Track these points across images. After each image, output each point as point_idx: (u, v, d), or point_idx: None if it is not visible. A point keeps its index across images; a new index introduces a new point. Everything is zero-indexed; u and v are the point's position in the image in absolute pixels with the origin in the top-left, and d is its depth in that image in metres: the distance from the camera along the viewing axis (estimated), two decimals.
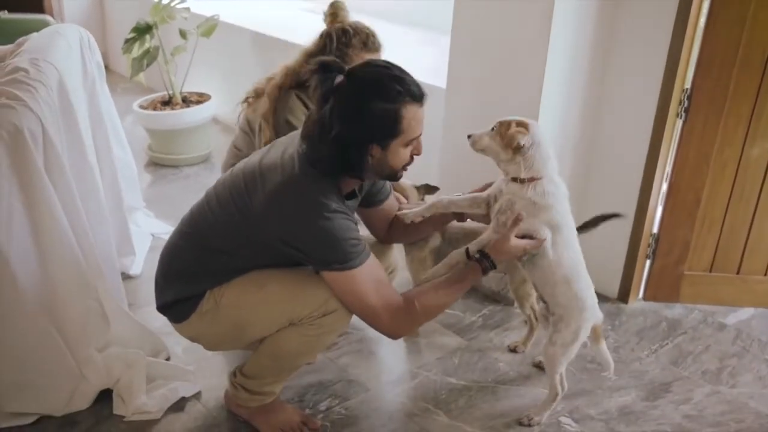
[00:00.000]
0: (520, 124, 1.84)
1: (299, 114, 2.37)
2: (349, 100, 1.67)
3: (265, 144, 2.31)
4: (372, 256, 1.79)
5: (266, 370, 1.97)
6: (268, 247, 1.77)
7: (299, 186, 1.72)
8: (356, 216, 1.96)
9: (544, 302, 2.05)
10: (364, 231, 2.00)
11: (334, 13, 2.41)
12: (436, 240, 2.26)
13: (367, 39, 2.36)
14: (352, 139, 1.69)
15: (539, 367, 2.30)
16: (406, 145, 1.75)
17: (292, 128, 2.27)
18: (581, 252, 1.97)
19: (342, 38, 2.34)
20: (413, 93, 1.69)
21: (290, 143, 1.83)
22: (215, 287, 1.85)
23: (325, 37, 2.39)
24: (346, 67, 1.71)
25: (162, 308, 1.95)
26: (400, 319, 1.80)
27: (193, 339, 1.99)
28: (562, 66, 2.46)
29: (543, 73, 2.41)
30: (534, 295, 2.33)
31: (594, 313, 1.99)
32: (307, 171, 1.73)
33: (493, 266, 1.85)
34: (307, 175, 1.72)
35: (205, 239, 1.84)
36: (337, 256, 1.72)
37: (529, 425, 2.09)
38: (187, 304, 1.87)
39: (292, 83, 2.41)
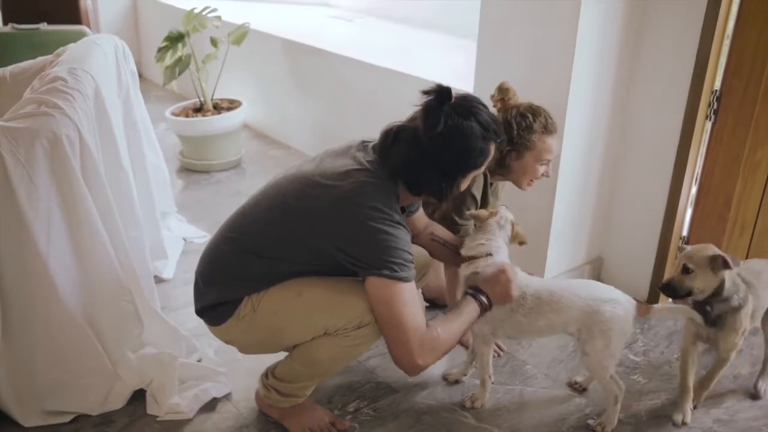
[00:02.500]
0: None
1: (478, 187, 2.31)
2: (450, 126, 1.76)
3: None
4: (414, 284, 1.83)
5: (299, 374, 1.99)
6: (318, 252, 1.81)
7: (367, 193, 1.77)
8: None
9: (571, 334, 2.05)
10: None
11: (503, 99, 2.26)
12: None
13: (546, 122, 2.23)
14: (447, 163, 1.80)
15: (573, 387, 2.28)
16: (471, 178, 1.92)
17: (473, 201, 2.30)
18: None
19: (522, 123, 2.21)
20: (500, 138, 1.87)
21: (345, 153, 1.88)
22: (253, 293, 1.87)
23: (502, 123, 2.19)
24: (454, 97, 1.79)
25: (200, 311, 1.98)
26: (426, 345, 1.79)
27: (228, 342, 2.02)
28: (590, 68, 2.46)
29: (570, 75, 2.42)
30: None
31: (614, 308, 1.96)
32: (374, 181, 1.79)
33: (488, 299, 1.96)
34: (375, 185, 1.79)
35: (250, 243, 1.86)
36: (391, 262, 1.74)
37: None
38: (225, 309, 1.90)
39: None
